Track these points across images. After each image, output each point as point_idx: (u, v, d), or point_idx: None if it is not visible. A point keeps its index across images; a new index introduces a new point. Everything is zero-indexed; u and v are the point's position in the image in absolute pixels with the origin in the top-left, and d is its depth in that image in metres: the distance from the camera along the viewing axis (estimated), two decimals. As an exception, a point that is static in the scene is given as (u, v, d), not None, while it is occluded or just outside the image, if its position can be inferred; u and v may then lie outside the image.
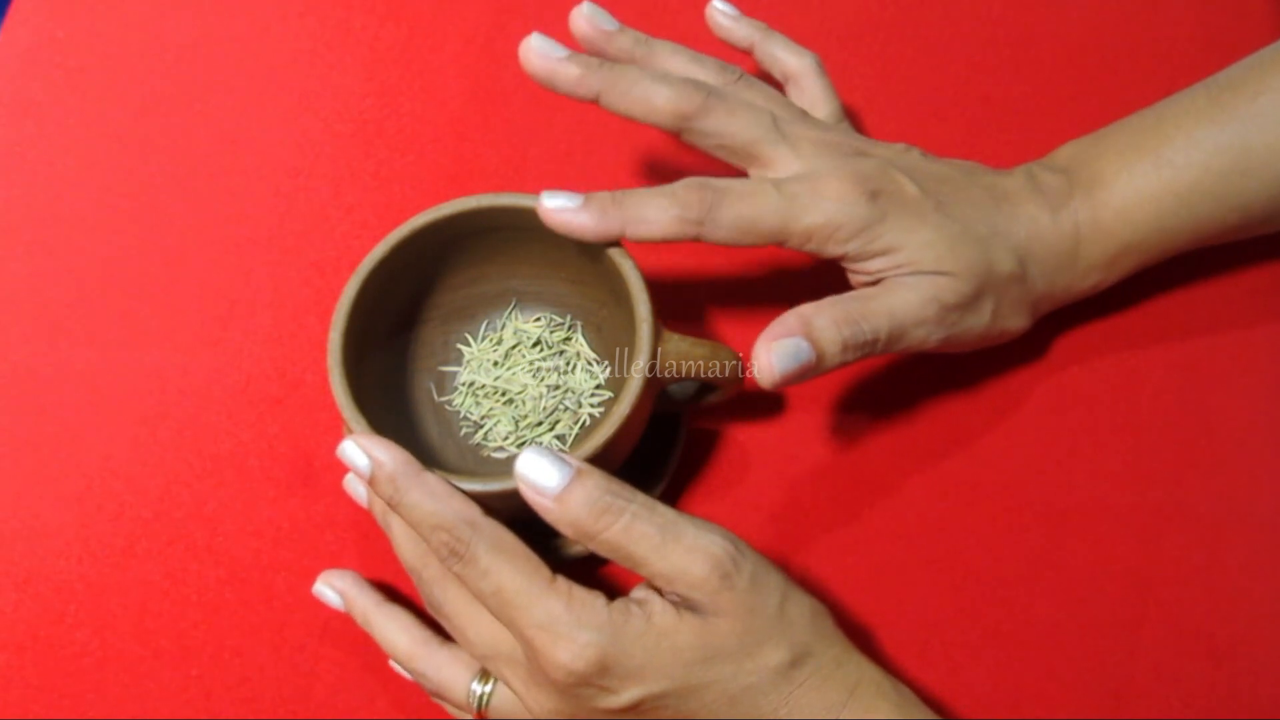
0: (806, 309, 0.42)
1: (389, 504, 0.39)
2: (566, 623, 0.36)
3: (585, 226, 0.41)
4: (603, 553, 0.38)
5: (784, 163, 0.43)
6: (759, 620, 0.37)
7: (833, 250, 0.42)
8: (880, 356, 0.46)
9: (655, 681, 0.36)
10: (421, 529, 0.38)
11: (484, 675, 0.40)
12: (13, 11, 0.59)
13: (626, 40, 0.46)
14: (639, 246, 0.43)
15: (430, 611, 0.41)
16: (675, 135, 0.44)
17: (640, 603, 0.37)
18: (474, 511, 0.38)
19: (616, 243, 0.43)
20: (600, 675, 0.36)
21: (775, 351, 0.40)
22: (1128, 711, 0.44)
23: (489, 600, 0.37)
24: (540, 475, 0.37)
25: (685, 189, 0.42)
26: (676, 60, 0.46)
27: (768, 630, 0.37)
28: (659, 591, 0.38)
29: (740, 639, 0.37)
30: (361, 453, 0.39)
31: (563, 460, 0.37)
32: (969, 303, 0.44)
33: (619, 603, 0.37)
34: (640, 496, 0.38)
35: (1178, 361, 0.50)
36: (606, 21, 0.46)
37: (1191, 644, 0.45)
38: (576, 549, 0.44)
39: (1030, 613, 0.46)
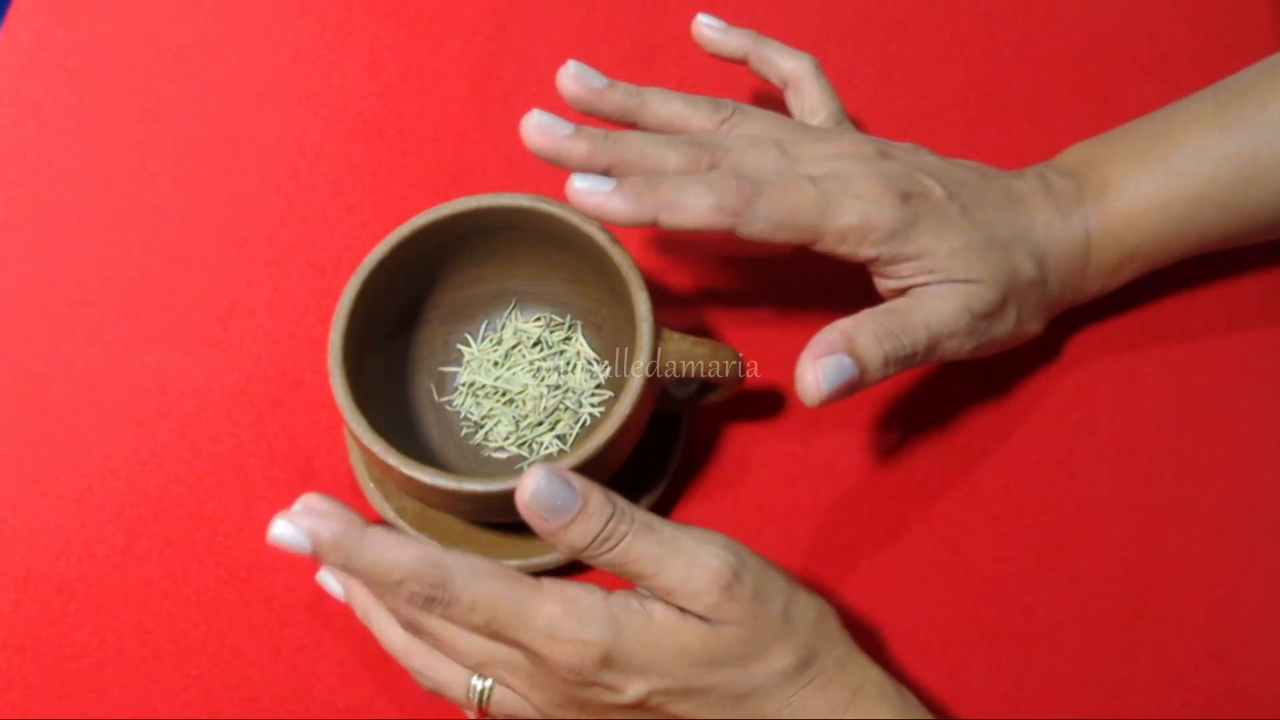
0: (846, 324, 0.41)
1: (343, 570, 0.37)
2: (568, 624, 0.36)
3: (618, 210, 0.40)
4: (602, 569, 0.37)
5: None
6: (764, 626, 0.37)
7: (866, 252, 0.42)
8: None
9: (659, 678, 0.36)
10: (387, 586, 0.36)
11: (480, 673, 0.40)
12: (13, 11, 0.59)
13: (618, 95, 0.45)
14: (638, 245, 0.42)
15: (413, 634, 0.40)
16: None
17: (640, 598, 0.37)
18: (434, 549, 0.36)
19: (616, 240, 0.43)
20: (605, 671, 0.36)
21: (821, 369, 0.40)
22: (1128, 711, 0.44)
23: (483, 630, 0.37)
24: (546, 504, 0.36)
25: (722, 177, 0.40)
26: (670, 107, 0.45)
27: (773, 635, 0.37)
28: None
29: (745, 645, 0.36)
30: (291, 527, 0.36)
31: (568, 487, 0.36)
32: (997, 311, 0.43)
33: (618, 596, 0.37)
34: (640, 514, 0.37)
35: (1178, 363, 0.50)
36: (594, 79, 0.45)
37: (1191, 644, 0.45)
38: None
39: (1030, 612, 0.46)
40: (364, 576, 0.36)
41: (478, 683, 0.40)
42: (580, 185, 0.40)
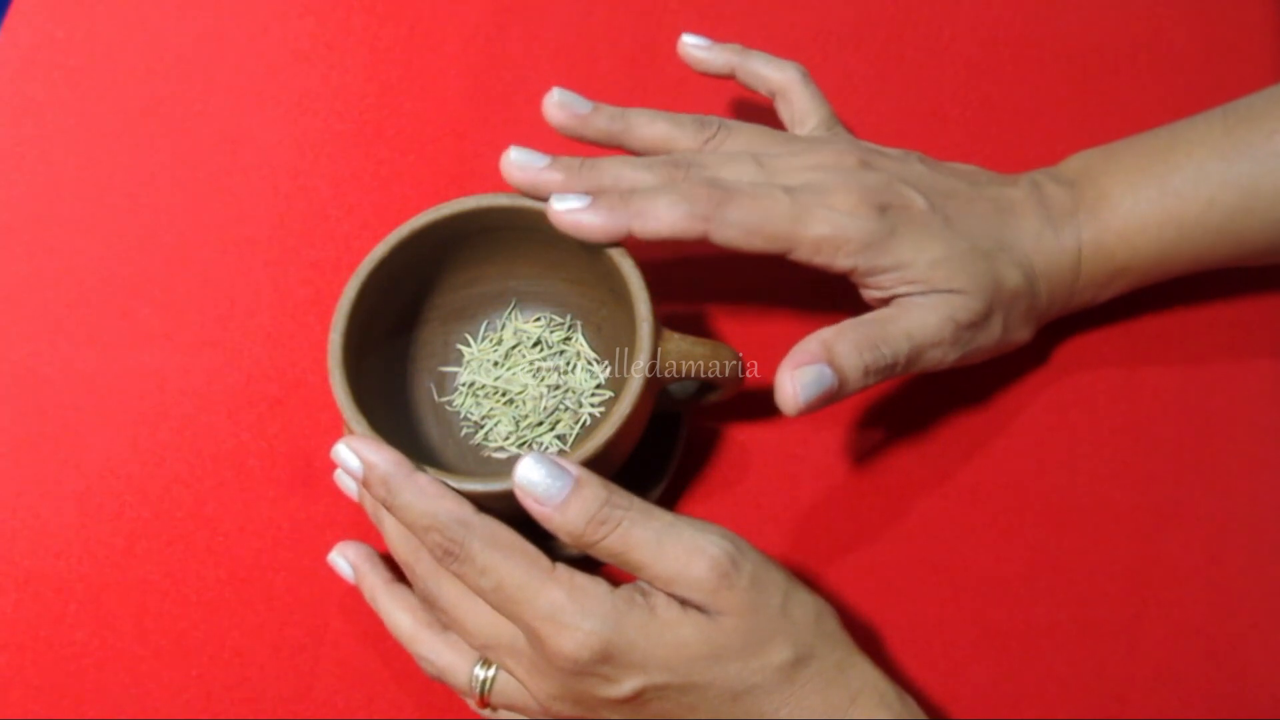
0: (827, 334, 0.41)
1: (383, 505, 0.39)
2: (570, 612, 0.36)
3: (594, 226, 0.41)
4: (601, 558, 0.38)
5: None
6: (762, 619, 0.37)
7: (842, 263, 0.42)
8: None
9: (657, 673, 0.36)
10: (415, 529, 0.39)
11: (487, 660, 0.41)
12: (13, 11, 0.59)
13: (602, 119, 0.46)
14: (639, 245, 0.43)
15: (425, 605, 0.41)
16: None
17: (644, 593, 0.37)
18: (466, 510, 0.38)
19: (617, 241, 0.43)
20: (603, 663, 0.36)
21: (799, 379, 0.40)
22: (1128, 711, 0.44)
23: (489, 596, 0.38)
24: (538, 485, 0.37)
25: (692, 185, 0.41)
26: (655, 128, 0.45)
27: (771, 629, 0.37)
28: None
29: (744, 638, 0.37)
30: (353, 455, 0.39)
31: (561, 469, 0.37)
32: (981, 320, 0.44)
33: (623, 590, 0.37)
34: (637, 502, 0.38)
35: (1176, 365, 0.50)
36: (579, 105, 0.46)
37: (1191, 644, 0.45)
38: (575, 549, 0.44)
39: (1030, 613, 0.46)
40: (398, 515, 0.39)
41: (480, 671, 0.40)
42: (557, 205, 0.42)
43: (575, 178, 0.43)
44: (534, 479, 0.37)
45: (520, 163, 0.43)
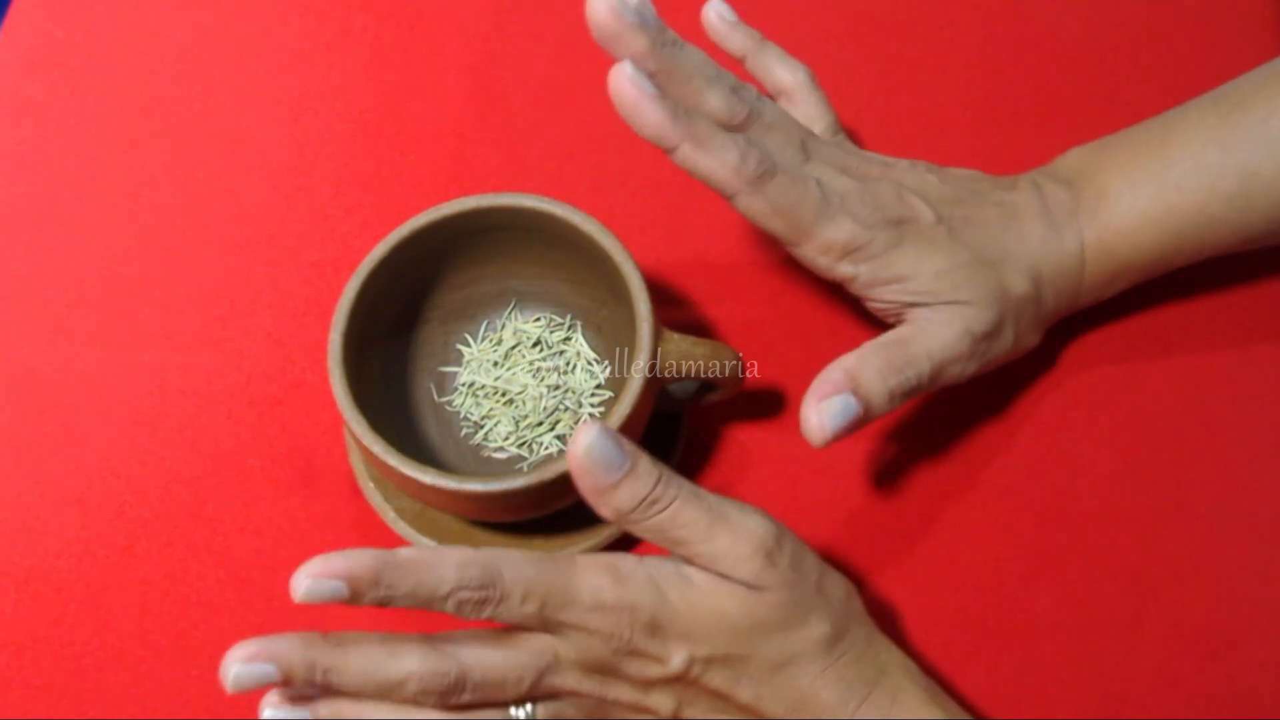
0: (849, 361, 0.41)
1: (384, 602, 0.35)
2: (613, 592, 0.36)
3: (650, 117, 0.38)
4: (638, 534, 0.37)
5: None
6: (801, 594, 0.37)
7: (844, 270, 0.42)
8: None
9: (701, 644, 0.37)
10: (434, 602, 0.35)
11: (520, 702, 0.38)
12: (13, 11, 0.59)
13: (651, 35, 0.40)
14: (638, 245, 0.43)
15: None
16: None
17: (676, 563, 0.37)
18: (469, 552, 0.36)
19: (617, 240, 0.43)
20: (651, 635, 0.36)
21: (825, 411, 0.40)
22: (1128, 711, 0.44)
23: (533, 619, 0.36)
24: (600, 461, 0.35)
25: (750, 145, 0.40)
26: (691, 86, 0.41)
27: (810, 604, 0.37)
28: None
29: (786, 611, 0.37)
30: (325, 581, 0.34)
31: (620, 447, 0.36)
32: (996, 331, 0.44)
33: (653, 561, 0.37)
34: (685, 483, 0.37)
35: (1179, 365, 0.50)
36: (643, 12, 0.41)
37: (1191, 644, 0.45)
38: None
39: (1030, 613, 0.46)
40: (409, 602, 0.35)
41: (517, 712, 0.38)
42: (630, 75, 0.38)
43: (659, 52, 0.39)
44: (596, 453, 0.35)
45: (611, 2, 0.39)
